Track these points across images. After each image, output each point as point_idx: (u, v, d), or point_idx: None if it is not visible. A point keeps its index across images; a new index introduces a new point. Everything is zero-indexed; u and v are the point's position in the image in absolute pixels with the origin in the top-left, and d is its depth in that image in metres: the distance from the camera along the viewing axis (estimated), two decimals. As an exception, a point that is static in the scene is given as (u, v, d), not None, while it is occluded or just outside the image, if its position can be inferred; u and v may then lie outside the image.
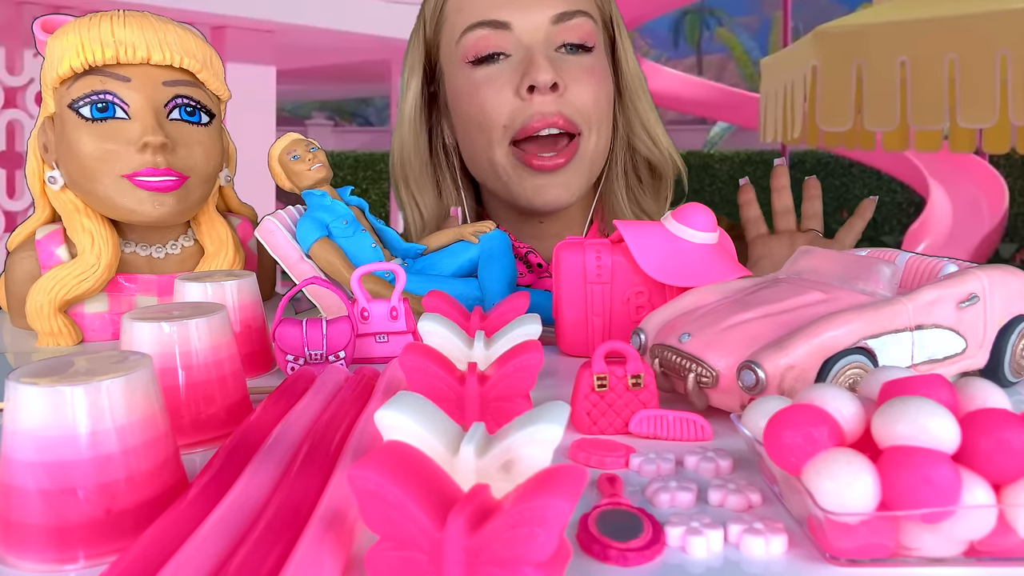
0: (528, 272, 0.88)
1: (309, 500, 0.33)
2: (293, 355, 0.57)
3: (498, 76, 0.80)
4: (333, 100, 18.14)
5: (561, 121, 0.79)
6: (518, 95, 0.79)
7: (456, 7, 0.83)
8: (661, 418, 0.46)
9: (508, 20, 0.79)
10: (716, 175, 10.11)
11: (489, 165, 0.83)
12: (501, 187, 0.84)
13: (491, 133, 0.81)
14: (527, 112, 0.79)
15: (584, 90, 0.80)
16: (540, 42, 0.79)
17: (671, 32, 23.37)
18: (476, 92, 0.81)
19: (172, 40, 0.70)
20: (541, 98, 0.78)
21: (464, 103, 0.83)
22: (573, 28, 0.80)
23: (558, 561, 0.27)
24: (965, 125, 2.22)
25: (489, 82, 0.80)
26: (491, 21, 0.79)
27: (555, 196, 0.82)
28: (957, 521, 0.31)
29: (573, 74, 0.80)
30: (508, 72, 0.80)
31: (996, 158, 5.58)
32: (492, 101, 0.80)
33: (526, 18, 0.79)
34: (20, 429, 0.33)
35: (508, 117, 0.80)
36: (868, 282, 0.50)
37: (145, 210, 0.69)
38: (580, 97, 0.80)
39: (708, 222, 0.62)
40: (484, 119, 0.81)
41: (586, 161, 0.83)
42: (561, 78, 0.78)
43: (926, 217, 5.15)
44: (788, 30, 5.37)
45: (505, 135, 0.80)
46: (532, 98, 0.78)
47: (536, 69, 0.77)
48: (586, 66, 0.81)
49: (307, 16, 4.88)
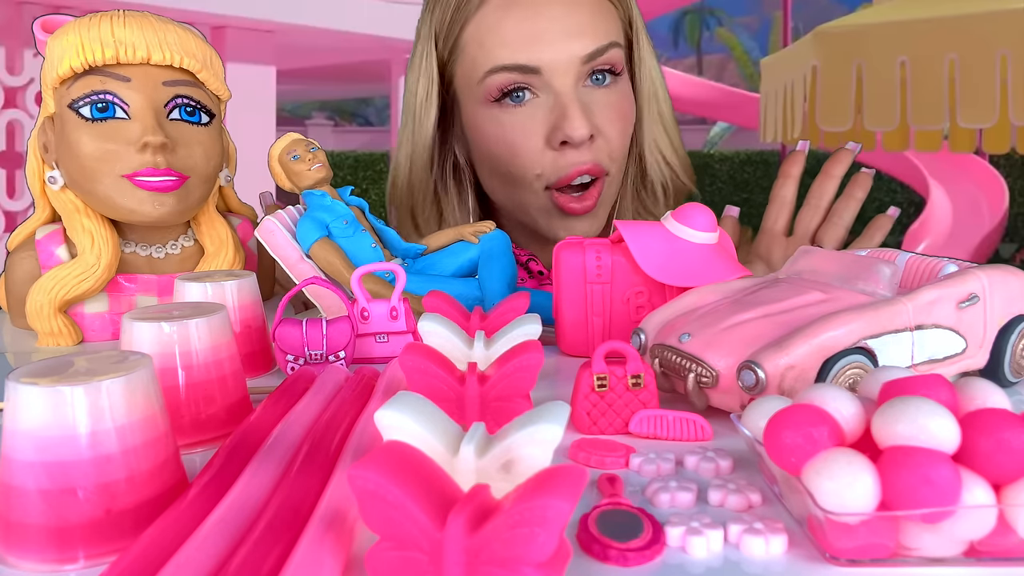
0: (529, 279, 0.88)
1: (309, 500, 0.33)
2: (293, 355, 0.57)
3: (528, 121, 0.76)
4: (333, 100, 18.15)
5: (594, 168, 0.77)
6: (550, 145, 0.76)
7: (476, 39, 0.77)
8: (661, 418, 0.46)
9: (538, 66, 0.74)
10: (716, 175, 10.11)
11: (520, 206, 0.81)
12: (528, 220, 0.82)
13: (523, 180, 0.78)
14: (561, 163, 0.76)
15: (613, 131, 0.78)
16: (571, 86, 0.75)
17: (671, 32, 23.37)
18: (503, 136, 0.77)
19: (172, 40, 0.70)
20: (575, 150, 0.75)
21: (490, 144, 0.79)
22: (602, 63, 0.77)
23: (558, 561, 0.27)
24: (965, 125, 2.22)
25: (518, 128, 0.76)
26: (517, 66, 0.74)
27: (583, 231, 0.81)
28: (957, 521, 0.31)
29: (603, 115, 0.77)
30: (539, 117, 0.76)
31: (996, 158, 5.58)
32: (523, 149, 0.76)
33: (556, 59, 0.74)
34: (20, 429, 0.33)
35: (541, 167, 0.77)
36: (868, 282, 0.50)
37: (145, 210, 0.69)
38: (611, 141, 0.78)
39: (708, 222, 0.62)
40: (515, 166, 0.77)
41: (609, 196, 0.82)
42: (595, 125, 0.75)
43: (926, 217, 5.15)
44: (788, 30, 5.37)
45: (538, 182, 0.78)
46: (565, 149, 0.75)
47: (571, 124, 0.73)
48: (613, 101, 0.78)
49: (307, 16, 4.88)
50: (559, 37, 0.74)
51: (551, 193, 0.79)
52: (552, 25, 0.74)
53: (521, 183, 0.79)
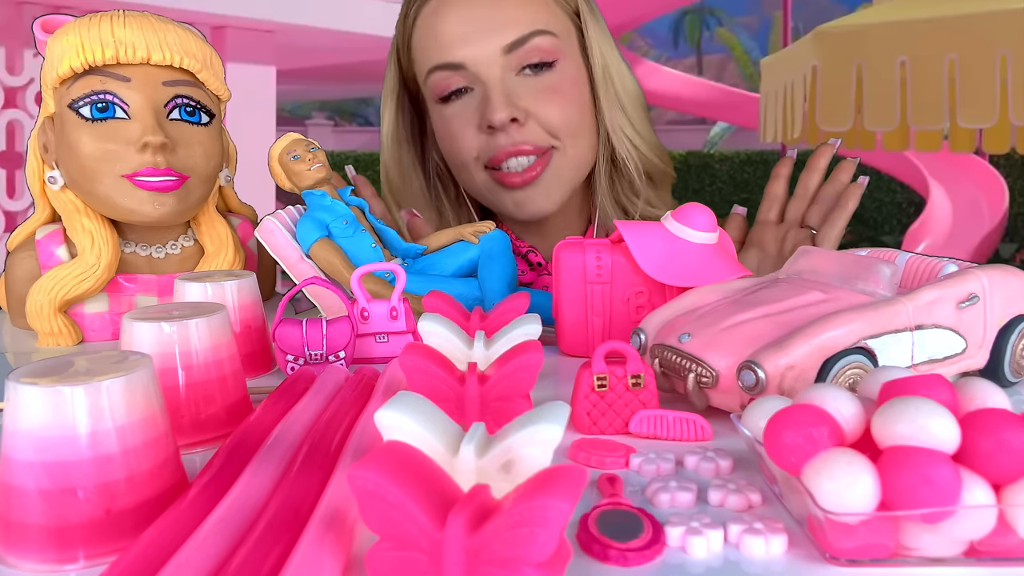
0: (529, 270, 0.89)
1: (309, 500, 0.33)
2: (293, 355, 0.57)
3: (462, 112, 0.82)
4: (333, 100, 18.14)
5: (528, 147, 0.81)
6: (481, 130, 0.81)
7: (419, 46, 0.84)
8: (661, 418, 0.46)
9: (461, 61, 0.80)
10: (716, 175, 10.10)
11: (474, 188, 0.87)
12: (489, 204, 0.88)
13: (467, 164, 0.84)
14: (492, 145, 0.81)
15: (548, 110, 0.81)
16: (496, 76, 0.80)
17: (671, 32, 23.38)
18: (447, 128, 0.84)
19: (172, 40, 0.70)
20: (504, 133, 0.80)
21: (441, 136, 0.87)
22: (528, 51, 0.80)
23: (558, 561, 0.27)
24: (965, 125, 2.22)
25: (456, 118, 0.83)
26: (446, 64, 0.81)
27: (537, 207, 0.84)
28: (957, 521, 0.31)
29: (534, 98, 0.81)
30: (472, 108, 0.82)
31: (996, 158, 5.58)
32: (460, 136, 0.83)
33: (477, 54, 0.80)
34: (20, 429, 0.33)
35: (477, 149, 0.83)
36: (868, 282, 0.50)
37: (145, 210, 0.69)
38: (546, 120, 0.81)
39: (708, 222, 0.62)
40: (457, 153, 0.84)
41: (565, 169, 0.84)
42: (521, 108, 0.80)
43: (926, 217, 5.15)
44: (788, 30, 5.37)
45: (478, 163, 0.84)
46: (495, 133, 0.80)
47: (492, 109, 0.79)
48: (548, 85, 0.81)
49: (307, 16, 4.88)
50: (481, 34, 0.80)
51: (492, 172, 0.84)
52: (477, 24, 0.80)
53: (466, 167, 0.85)
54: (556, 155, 0.83)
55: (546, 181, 0.83)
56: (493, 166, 0.83)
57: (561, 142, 0.82)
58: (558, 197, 0.84)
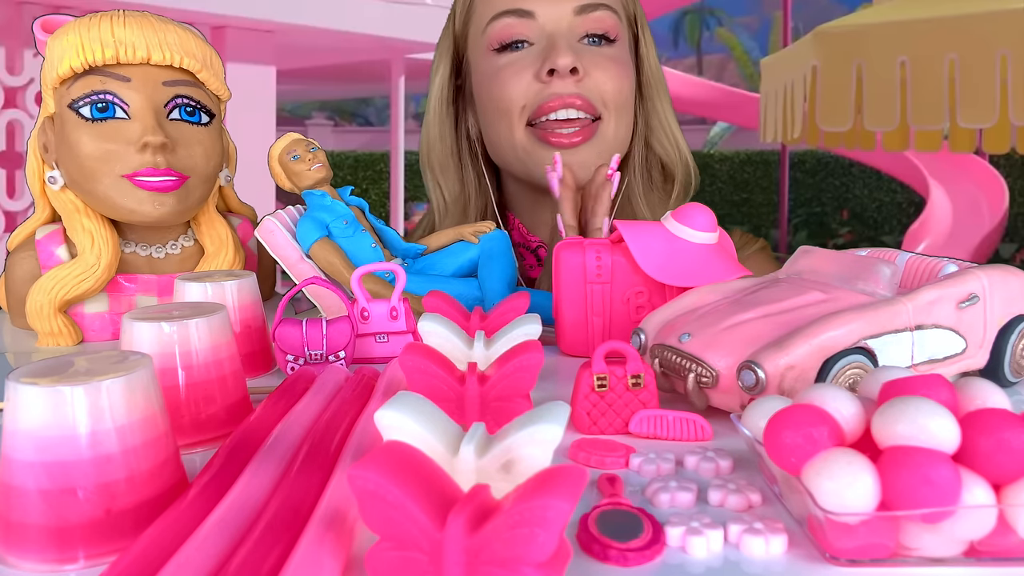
0: (538, 265, 0.89)
1: (309, 500, 0.33)
2: (293, 355, 0.57)
3: (520, 61, 0.83)
4: (333, 100, 18.14)
5: (579, 102, 0.81)
6: (538, 79, 0.81)
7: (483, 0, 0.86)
8: (661, 418, 0.46)
9: (532, 9, 0.82)
10: (716, 175, 10.11)
11: (510, 147, 0.85)
12: (521, 168, 0.86)
13: (511, 115, 0.83)
14: (545, 93, 0.81)
15: (605, 76, 0.82)
16: (563, 31, 0.82)
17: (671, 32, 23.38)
18: (497, 76, 0.84)
19: (172, 40, 0.70)
20: (561, 81, 0.81)
21: (486, 88, 0.86)
22: (596, 20, 0.83)
23: (558, 561, 0.27)
24: (965, 125, 2.22)
25: (511, 66, 0.83)
26: (516, 10, 0.82)
27: (583, 160, 0.81)
28: (957, 521, 0.31)
29: (595, 61, 0.82)
30: (530, 58, 0.83)
31: (996, 158, 5.58)
32: (512, 83, 0.83)
33: (550, 7, 0.82)
34: (20, 429, 0.33)
35: (527, 98, 0.82)
36: (868, 282, 0.50)
37: (145, 210, 0.69)
38: (601, 83, 0.82)
39: (708, 222, 0.62)
40: (504, 101, 0.83)
41: (606, 144, 0.84)
42: (582, 64, 0.81)
43: (926, 217, 5.15)
44: (788, 30, 5.38)
45: (523, 115, 0.83)
46: (552, 81, 0.81)
47: (556, 53, 0.80)
48: (608, 55, 0.83)
49: (307, 16, 4.88)
50: None
51: (534, 130, 0.83)
52: None
53: (508, 119, 0.84)
54: (601, 127, 0.83)
55: (587, 150, 0.83)
56: (538, 119, 0.82)
57: (609, 113, 0.83)
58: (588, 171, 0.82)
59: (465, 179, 0.92)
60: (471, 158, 0.93)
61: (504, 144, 0.86)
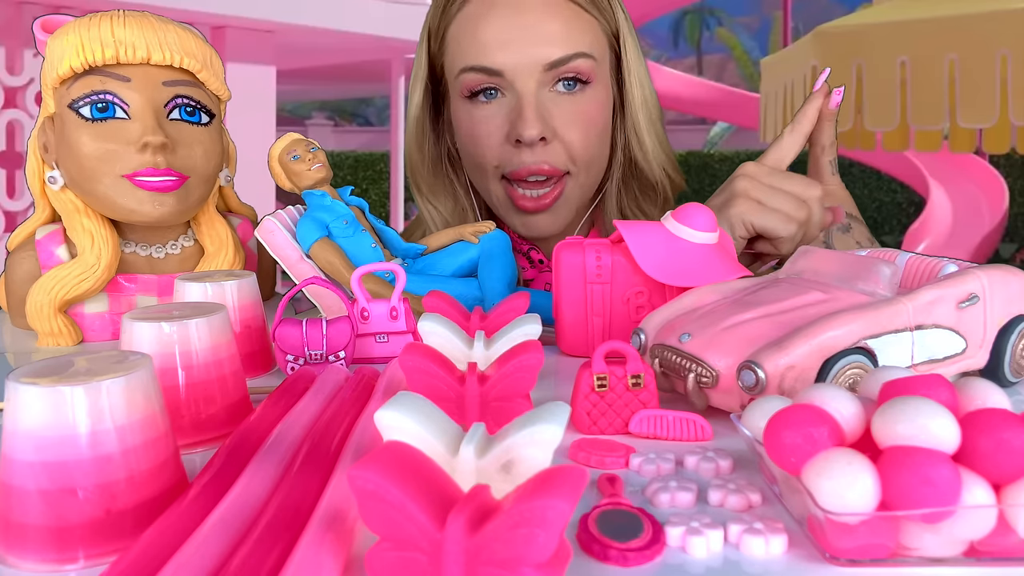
0: (530, 267, 0.90)
1: (309, 500, 0.33)
2: (293, 355, 0.57)
3: (492, 117, 0.82)
4: (333, 100, 18.15)
5: (546, 168, 0.81)
6: (508, 141, 0.81)
7: (455, 38, 0.83)
8: (661, 418, 0.46)
9: (500, 68, 0.79)
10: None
11: (486, 192, 0.87)
12: (496, 212, 0.89)
13: (485, 170, 0.84)
14: (515, 160, 0.81)
15: (574, 134, 0.82)
16: (531, 91, 0.80)
17: (671, 32, 23.39)
18: (472, 129, 0.84)
19: (172, 40, 0.70)
20: (529, 149, 0.80)
21: (462, 134, 0.86)
22: (569, 68, 0.80)
23: (558, 562, 0.27)
24: (965, 125, 2.22)
25: (483, 122, 0.82)
26: (483, 68, 0.80)
27: (543, 229, 0.86)
28: (957, 521, 0.31)
29: (564, 118, 0.81)
30: (501, 115, 0.81)
31: (996, 158, 5.59)
32: (485, 143, 0.83)
33: (519, 64, 0.79)
34: (20, 429, 0.33)
35: (498, 160, 0.83)
36: (868, 282, 0.50)
37: (145, 210, 0.69)
38: (570, 144, 0.82)
39: (708, 222, 0.62)
40: (478, 156, 0.84)
41: (574, 198, 0.85)
42: (550, 126, 0.80)
43: (926, 217, 5.16)
44: (788, 30, 5.38)
45: (496, 173, 0.84)
46: (520, 147, 0.81)
47: (524, 124, 0.79)
48: (579, 108, 0.82)
49: (307, 16, 4.88)
50: (527, 44, 0.79)
51: (507, 185, 0.84)
52: (522, 33, 0.79)
53: (484, 172, 0.85)
54: (569, 181, 0.83)
55: (556, 207, 0.84)
56: (510, 179, 0.83)
57: (576, 168, 0.83)
58: (564, 221, 0.86)
59: (456, 194, 0.92)
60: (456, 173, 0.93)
61: (481, 187, 0.88)
